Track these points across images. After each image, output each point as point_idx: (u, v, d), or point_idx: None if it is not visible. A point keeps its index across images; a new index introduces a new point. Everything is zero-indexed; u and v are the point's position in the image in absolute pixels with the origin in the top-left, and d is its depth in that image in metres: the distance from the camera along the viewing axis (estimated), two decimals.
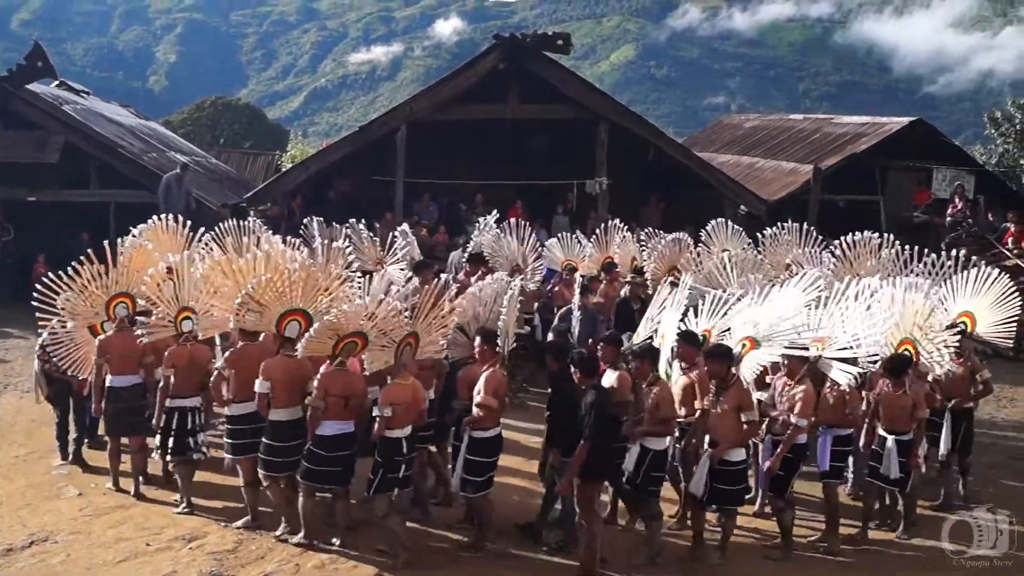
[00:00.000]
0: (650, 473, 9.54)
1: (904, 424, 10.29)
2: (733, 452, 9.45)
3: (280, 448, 9.74)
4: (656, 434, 9.54)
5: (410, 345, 9.62)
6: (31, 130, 23.26)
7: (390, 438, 9.29)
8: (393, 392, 9.32)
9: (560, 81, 22.52)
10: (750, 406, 9.44)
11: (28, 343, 19.00)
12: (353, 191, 24.40)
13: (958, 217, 23.90)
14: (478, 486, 9.63)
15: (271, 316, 9.97)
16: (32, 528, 10.10)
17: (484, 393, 9.46)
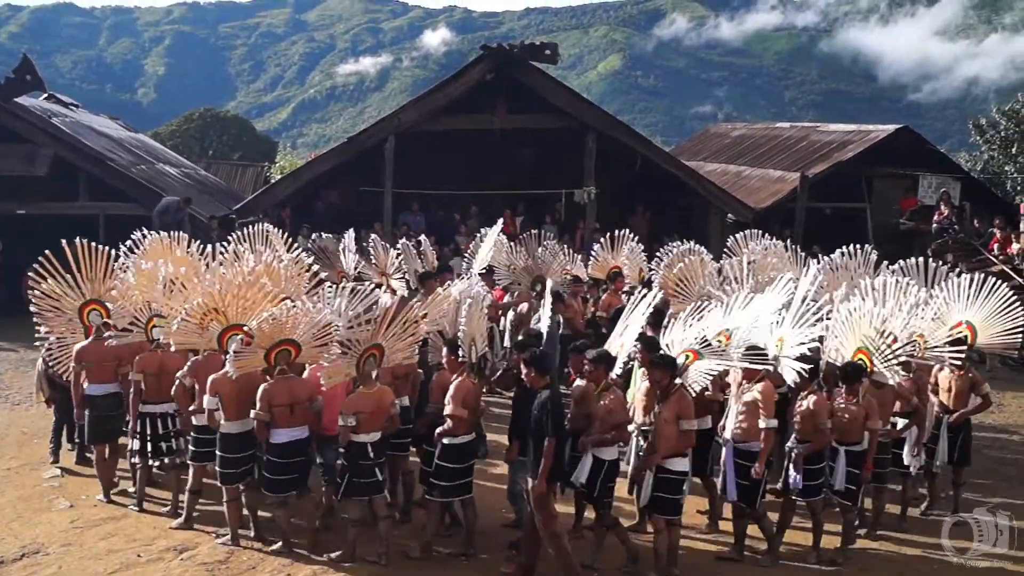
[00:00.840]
0: (605, 484, 9.47)
1: (855, 435, 9.95)
2: (673, 461, 9.32)
3: (232, 460, 9.87)
4: (607, 443, 9.45)
5: (374, 356, 9.73)
6: (20, 143, 23.23)
7: (357, 443, 9.43)
8: (356, 401, 9.47)
9: (548, 91, 22.58)
10: (689, 416, 9.32)
11: (18, 356, 19.03)
12: (342, 202, 24.45)
13: (944, 224, 24.00)
14: (444, 491, 9.70)
15: (211, 334, 10.10)
16: (23, 540, 10.09)
17: (452, 404, 9.58)
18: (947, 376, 11.26)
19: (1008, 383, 18.57)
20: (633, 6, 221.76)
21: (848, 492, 10.02)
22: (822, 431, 9.72)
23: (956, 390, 11.22)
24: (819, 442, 9.75)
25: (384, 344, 9.85)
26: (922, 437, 10.89)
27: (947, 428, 11.17)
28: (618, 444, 9.59)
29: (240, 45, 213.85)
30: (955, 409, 11.23)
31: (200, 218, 22.79)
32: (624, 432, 9.58)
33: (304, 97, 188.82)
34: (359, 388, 9.61)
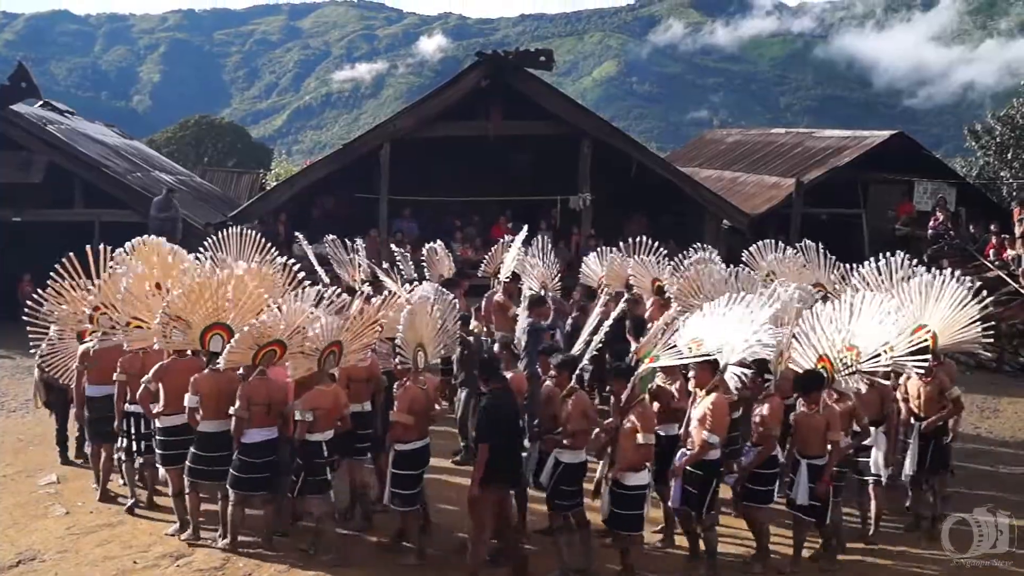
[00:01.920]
0: (559, 486, 9.44)
1: (817, 447, 9.66)
2: (628, 476, 9.10)
3: (207, 458, 9.96)
4: (570, 447, 9.44)
5: (334, 353, 9.87)
6: (15, 150, 23.22)
7: (310, 441, 9.56)
8: (315, 398, 9.58)
9: (543, 98, 22.60)
10: (647, 429, 9.11)
11: (14, 363, 19.03)
12: (337, 209, 24.44)
13: (939, 230, 24.05)
14: (405, 499, 9.74)
15: (194, 333, 10.18)
16: (20, 547, 10.09)
17: (397, 409, 9.68)
18: (915, 383, 11.02)
19: (1004, 388, 18.58)
20: (628, 12, 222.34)
21: (813, 508, 9.74)
22: (768, 437, 9.62)
23: (925, 396, 10.98)
24: (766, 449, 9.66)
25: (343, 341, 9.99)
26: (893, 446, 10.71)
27: (919, 436, 10.90)
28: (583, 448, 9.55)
29: (235, 52, 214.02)
30: (926, 416, 10.94)
31: (195, 225, 22.78)
32: (586, 437, 9.46)
33: (299, 104, 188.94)
34: (318, 385, 9.72)
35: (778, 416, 9.73)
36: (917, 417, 10.99)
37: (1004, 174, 32.72)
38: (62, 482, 12.21)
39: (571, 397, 9.52)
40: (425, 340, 10.10)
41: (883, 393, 10.59)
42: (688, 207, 23.60)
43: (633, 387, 9.37)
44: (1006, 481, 13.10)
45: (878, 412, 10.51)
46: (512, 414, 9.39)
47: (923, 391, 10.97)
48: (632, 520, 9.22)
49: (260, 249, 13.14)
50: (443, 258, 16.25)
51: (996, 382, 18.62)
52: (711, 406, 9.31)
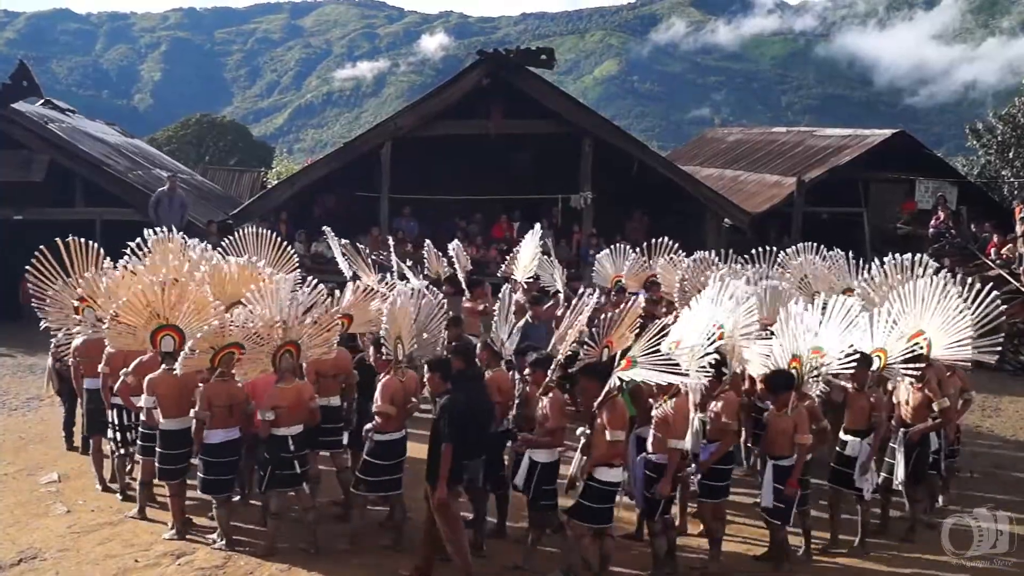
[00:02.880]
0: (541, 486, 9.44)
1: (783, 448, 9.52)
2: (601, 471, 8.97)
3: (171, 456, 10.18)
4: (543, 445, 9.45)
5: (290, 352, 10.01)
6: (17, 149, 23.23)
7: (277, 436, 9.74)
8: (275, 396, 9.77)
9: (544, 96, 22.59)
10: (616, 426, 8.95)
11: (15, 361, 19.03)
12: (338, 207, 24.43)
13: (941, 228, 24.06)
14: (370, 485, 9.87)
15: (143, 334, 10.42)
16: (21, 546, 10.07)
17: (380, 401, 9.76)
18: (905, 390, 10.77)
19: (1005, 387, 18.58)
20: (629, 11, 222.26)
21: (776, 510, 9.60)
22: (726, 432, 9.54)
23: (914, 404, 10.67)
24: (724, 443, 9.56)
25: (300, 341, 10.14)
26: (872, 455, 10.27)
27: (903, 444, 10.65)
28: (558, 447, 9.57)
29: (236, 51, 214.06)
30: (913, 424, 10.65)
31: (198, 224, 22.78)
32: (560, 436, 9.46)
33: (300, 102, 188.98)
34: (278, 384, 9.87)
35: (734, 411, 9.65)
36: (904, 424, 10.75)
37: (1005, 173, 32.75)
38: (63, 480, 12.19)
39: (548, 395, 9.52)
40: (403, 334, 10.19)
41: (874, 401, 10.29)
42: (689, 206, 23.58)
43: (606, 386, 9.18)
44: (1007, 481, 13.10)
45: (867, 421, 10.22)
46: (475, 412, 9.30)
47: (912, 398, 10.70)
48: (601, 513, 9.09)
49: (275, 247, 13.38)
50: (459, 255, 16.09)
51: (997, 381, 18.59)
52: (673, 411, 9.25)
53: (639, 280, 15.57)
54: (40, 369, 18.05)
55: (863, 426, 10.21)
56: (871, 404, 10.22)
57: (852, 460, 10.21)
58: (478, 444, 9.37)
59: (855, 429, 10.27)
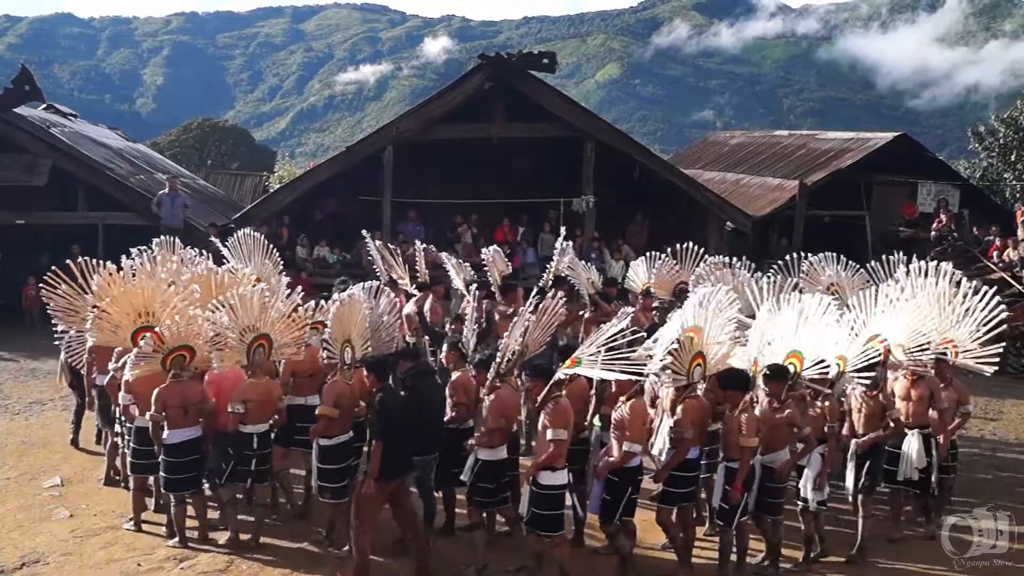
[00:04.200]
0: (478, 483, 9.47)
1: (735, 450, 9.30)
2: (545, 474, 8.90)
3: (142, 452, 10.40)
4: (486, 444, 9.45)
5: (262, 346, 10.14)
6: (19, 154, 23.25)
7: (242, 433, 9.90)
8: (246, 390, 9.91)
9: (546, 100, 22.59)
10: (557, 425, 8.83)
11: (17, 365, 19.03)
12: (341, 211, 24.46)
13: (943, 232, 24.05)
14: (335, 492, 9.91)
15: (124, 333, 10.64)
16: (23, 550, 10.09)
17: (323, 403, 9.86)
18: (858, 397, 10.29)
19: (1008, 391, 18.56)
20: (631, 15, 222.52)
21: (721, 511, 9.49)
22: (681, 440, 9.27)
23: (866, 412, 10.24)
24: (680, 450, 9.31)
25: (272, 335, 10.25)
26: (827, 468, 9.89)
27: (855, 454, 10.23)
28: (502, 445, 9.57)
29: (238, 55, 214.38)
30: (865, 433, 10.22)
31: (200, 227, 22.81)
32: (499, 435, 9.46)
33: (302, 107, 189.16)
34: (249, 378, 10.02)
35: (691, 418, 9.31)
36: (855, 434, 10.33)
37: (1007, 176, 32.70)
38: (66, 485, 12.20)
39: (491, 394, 9.54)
40: (353, 336, 10.28)
41: (828, 409, 9.93)
42: (691, 209, 23.58)
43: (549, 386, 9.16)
44: (1010, 484, 13.09)
45: (819, 431, 9.81)
46: (418, 409, 9.47)
47: (864, 407, 10.26)
48: (551, 520, 8.99)
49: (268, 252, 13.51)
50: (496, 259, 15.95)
51: (999, 384, 18.54)
52: (629, 413, 9.14)
53: (668, 287, 15.18)
54: (43, 373, 18.18)
55: (817, 435, 9.76)
56: (823, 412, 9.88)
57: (801, 469, 9.98)
58: (425, 441, 9.60)
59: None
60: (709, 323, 9.71)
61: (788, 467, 9.56)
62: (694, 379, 9.50)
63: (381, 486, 9.14)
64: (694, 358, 9.50)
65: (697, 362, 9.53)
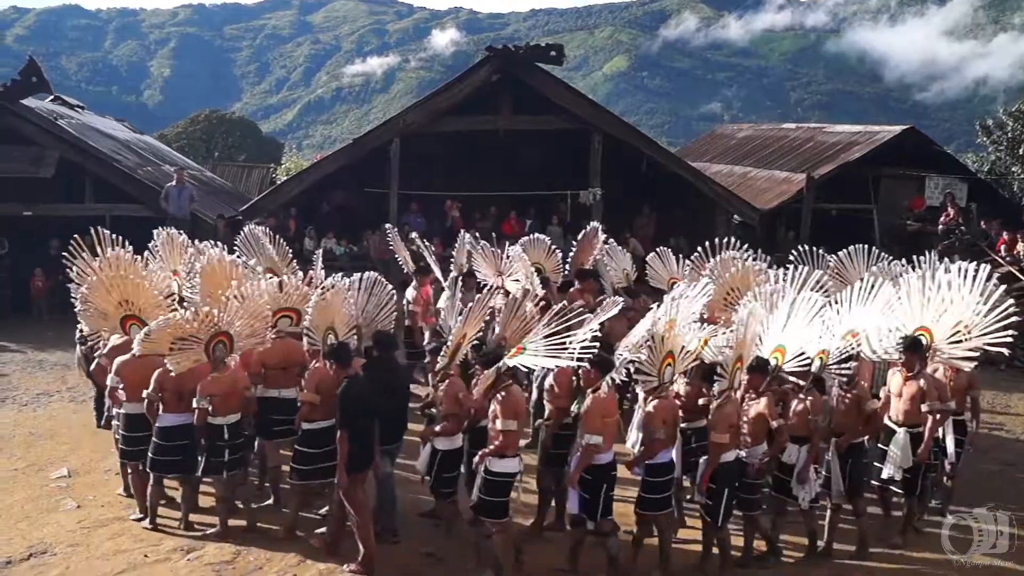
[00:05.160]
0: (441, 473, 9.54)
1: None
2: (494, 461, 8.95)
3: (131, 438, 10.60)
4: (443, 433, 9.49)
5: (223, 343, 10.24)
6: (27, 145, 23.26)
7: (212, 424, 10.05)
8: (209, 386, 10.01)
9: (553, 92, 22.56)
10: (508, 415, 8.89)
11: (25, 357, 19.06)
12: (347, 203, 24.45)
13: (951, 225, 23.99)
14: (301, 474, 9.98)
15: (113, 320, 11.12)
16: (31, 540, 10.11)
17: (307, 389, 9.99)
18: (836, 394, 10.09)
19: (1015, 385, 18.50)
20: (639, 7, 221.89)
21: (706, 507, 9.47)
22: (653, 441, 9.22)
23: (843, 409, 10.03)
24: (647, 450, 9.27)
25: (232, 332, 10.37)
26: (810, 463, 9.65)
27: (835, 453, 10.00)
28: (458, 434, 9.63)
29: (246, 47, 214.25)
30: (843, 430, 10.00)
31: (207, 219, 22.82)
32: (454, 423, 9.50)
33: (310, 99, 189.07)
34: (212, 373, 10.11)
35: (661, 417, 9.24)
36: (835, 432, 10.06)
37: (1015, 169, 32.67)
38: (73, 476, 12.23)
39: (444, 382, 9.59)
40: (336, 324, 10.49)
41: (811, 405, 9.75)
42: (699, 202, 23.56)
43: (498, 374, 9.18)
44: (1016, 478, 13.06)
45: (804, 427, 9.70)
46: (369, 400, 9.49)
47: (840, 403, 10.07)
48: (497, 507, 9.03)
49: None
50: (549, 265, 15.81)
51: (1007, 379, 18.54)
52: (588, 406, 9.08)
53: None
54: (50, 365, 18.25)
55: (802, 431, 9.69)
56: (807, 408, 9.70)
57: (791, 467, 9.75)
58: (387, 432, 9.70)
59: (796, 435, 9.71)
60: (681, 320, 9.68)
61: (763, 463, 9.52)
62: (665, 379, 9.43)
63: (355, 477, 9.28)
64: (664, 358, 9.41)
65: (668, 362, 9.44)
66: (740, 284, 12.83)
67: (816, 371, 9.83)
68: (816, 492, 9.78)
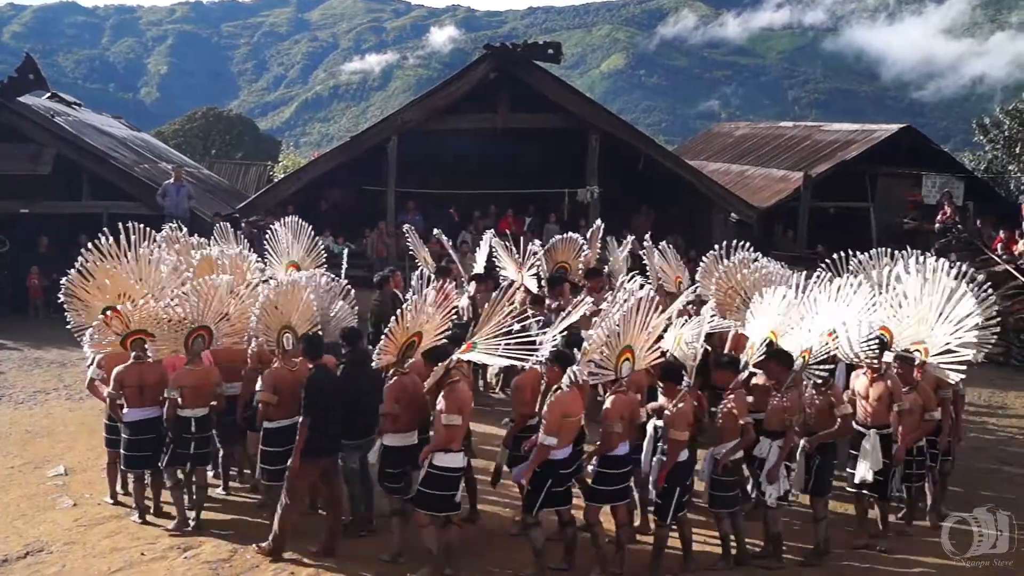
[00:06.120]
0: (385, 468, 9.54)
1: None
2: (439, 456, 8.93)
3: (112, 427, 10.93)
4: (388, 430, 9.48)
5: (201, 337, 10.48)
6: (23, 142, 23.26)
7: (181, 416, 10.19)
8: (181, 377, 10.24)
9: (551, 90, 22.59)
10: (452, 411, 8.89)
11: (21, 355, 19.04)
12: (344, 201, 24.45)
13: (947, 224, 24.01)
14: (271, 475, 9.99)
15: (94, 312, 11.12)
16: (27, 539, 10.11)
17: (263, 389, 10.01)
18: (810, 394, 9.82)
19: (1011, 383, 18.50)
20: (636, 5, 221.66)
21: (656, 507, 9.41)
22: (607, 434, 9.15)
23: (817, 409, 9.79)
24: (603, 444, 9.21)
25: (212, 327, 10.60)
26: (781, 461, 9.46)
27: (803, 452, 9.76)
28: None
29: (243, 44, 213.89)
30: (816, 430, 9.77)
31: (204, 216, 22.80)
32: (391, 420, 9.44)
33: (307, 96, 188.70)
34: (186, 366, 10.34)
35: (619, 412, 9.18)
36: (807, 431, 9.85)
37: (1012, 168, 32.68)
38: (70, 474, 12.23)
39: (393, 378, 9.60)
40: (295, 322, 10.46)
41: (788, 402, 9.57)
42: (696, 200, 23.58)
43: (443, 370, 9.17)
44: (1012, 476, 13.05)
45: (780, 423, 9.57)
46: (335, 391, 9.62)
47: (813, 404, 9.81)
48: (438, 501, 9.01)
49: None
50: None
51: (1003, 377, 18.56)
52: (551, 403, 9.01)
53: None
54: (47, 363, 18.26)
55: (777, 427, 9.58)
56: (782, 405, 9.54)
57: (762, 462, 9.61)
58: (356, 426, 9.83)
59: (770, 430, 9.63)
60: (641, 316, 9.57)
61: (728, 458, 9.40)
62: (622, 374, 9.38)
63: (308, 463, 9.44)
64: (622, 352, 9.38)
65: (625, 356, 9.40)
66: (750, 288, 12.52)
67: (797, 369, 9.69)
68: (785, 490, 9.61)
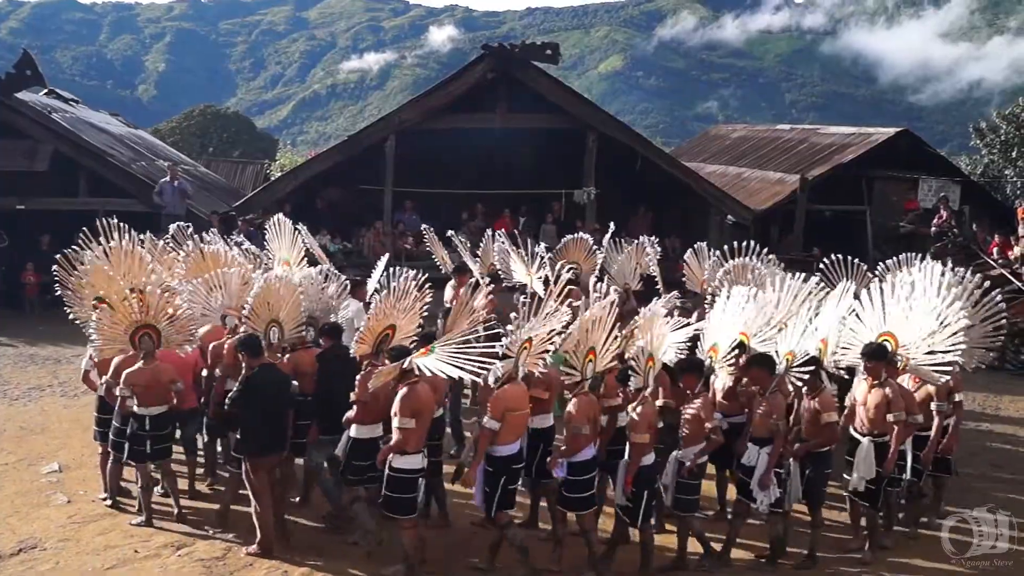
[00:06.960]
0: (351, 460, 9.55)
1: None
2: (397, 458, 8.84)
3: (103, 420, 11.03)
4: (355, 421, 9.50)
5: (148, 335, 10.46)
6: (20, 139, 23.25)
7: (136, 414, 10.26)
8: (132, 376, 10.22)
9: (548, 91, 22.60)
10: (404, 412, 8.77)
11: (16, 351, 19.03)
12: (342, 200, 24.44)
13: (943, 228, 24.04)
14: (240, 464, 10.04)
15: (86, 304, 11.38)
16: (21, 535, 10.10)
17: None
18: (805, 405, 9.73)
19: (1006, 387, 18.55)
20: (635, 7, 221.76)
21: (625, 509, 9.31)
22: (573, 437, 9.05)
23: (806, 417, 9.68)
24: (570, 446, 9.08)
25: (159, 326, 10.62)
26: (771, 468, 9.32)
27: (794, 461, 9.63)
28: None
29: (241, 42, 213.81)
30: (807, 438, 9.64)
31: (201, 214, 22.79)
32: (362, 411, 9.45)
33: (305, 95, 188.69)
34: (139, 363, 10.31)
35: (586, 414, 9.10)
36: (798, 439, 9.72)
37: (1008, 172, 32.66)
38: (64, 471, 12.21)
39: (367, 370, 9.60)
40: (281, 317, 10.54)
41: (771, 406, 9.48)
42: (692, 202, 23.59)
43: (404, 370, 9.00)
44: (1007, 481, 13.05)
45: (767, 429, 9.45)
46: (273, 390, 9.67)
47: (805, 410, 9.72)
48: (401, 504, 8.92)
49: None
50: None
51: (998, 381, 18.57)
52: (498, 393, 8.95)
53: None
54: (42, 359, 18.28)
55: (764, 434, 9.46)
56: (769, 409, 9.43)
57: (751, 470, 9.49)
58: (332, 420, 9.84)
59: (757, 436, 9.54)
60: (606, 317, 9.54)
61: (695, 463, 9.38)
62: (586, 375, 9.31)
63: (255, 462, 9.55)
64: (587, 353, 9.33)
65: (590, 357, 9.34)
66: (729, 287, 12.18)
67: (781, 373, 9.61)
68: (777, 497, 9.43)
